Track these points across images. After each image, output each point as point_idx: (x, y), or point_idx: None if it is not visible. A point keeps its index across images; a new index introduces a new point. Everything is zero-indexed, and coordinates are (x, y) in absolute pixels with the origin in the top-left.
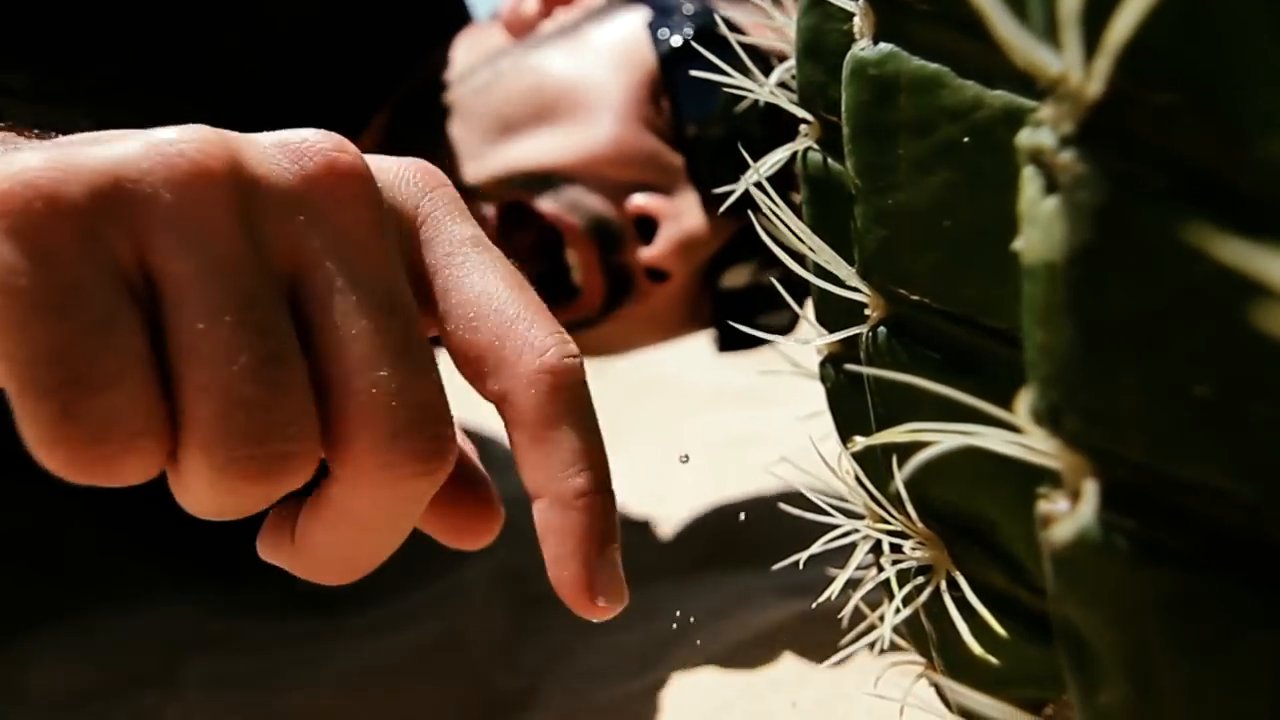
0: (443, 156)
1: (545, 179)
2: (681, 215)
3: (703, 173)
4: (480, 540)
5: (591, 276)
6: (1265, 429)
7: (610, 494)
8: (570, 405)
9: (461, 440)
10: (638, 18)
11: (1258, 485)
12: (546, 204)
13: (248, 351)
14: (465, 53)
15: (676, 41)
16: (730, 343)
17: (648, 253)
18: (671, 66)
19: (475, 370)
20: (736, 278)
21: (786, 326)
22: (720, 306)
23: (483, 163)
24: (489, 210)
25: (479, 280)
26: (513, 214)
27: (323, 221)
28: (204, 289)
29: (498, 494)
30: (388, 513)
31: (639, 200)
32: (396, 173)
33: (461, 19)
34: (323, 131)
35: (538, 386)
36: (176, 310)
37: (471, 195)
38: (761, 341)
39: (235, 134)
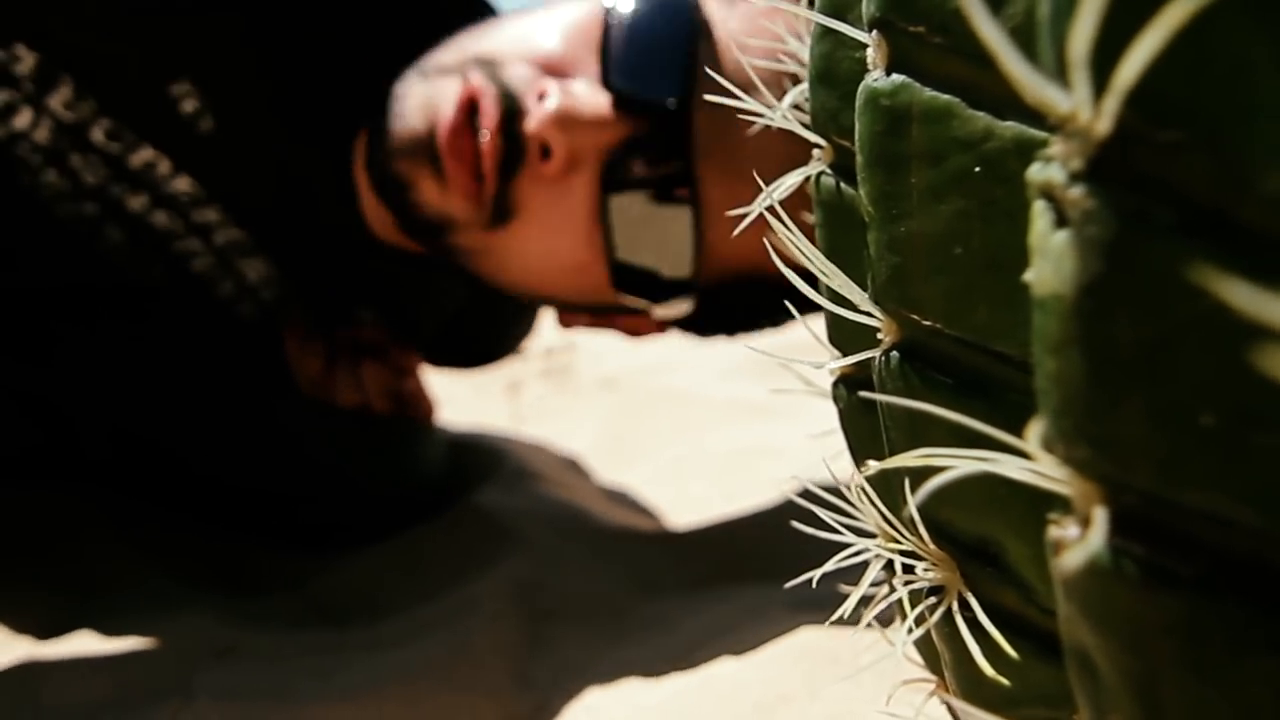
0: (437, 49)
1: (487, 61)
2: (571, 92)
3: (611, 75)
4: None
5: (489, 142)
6: (1270, 457)
7: None
8: None
9: None
10: None
11: (1263, 512)
12: (476, 76)
13: None
14: None
15: None
16: (624, 287)
17: (529, 121)
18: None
19: None
20: (628, 230)
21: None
22: (615, 264)
23: (457, 50)
24: (453, 87)
25: None
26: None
27: None
28: None
29: None
30: None
31: (542, 82)
32: None
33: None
34: None
35: None
36: None
37: (443, 69)
38: (659, 297)
39: None
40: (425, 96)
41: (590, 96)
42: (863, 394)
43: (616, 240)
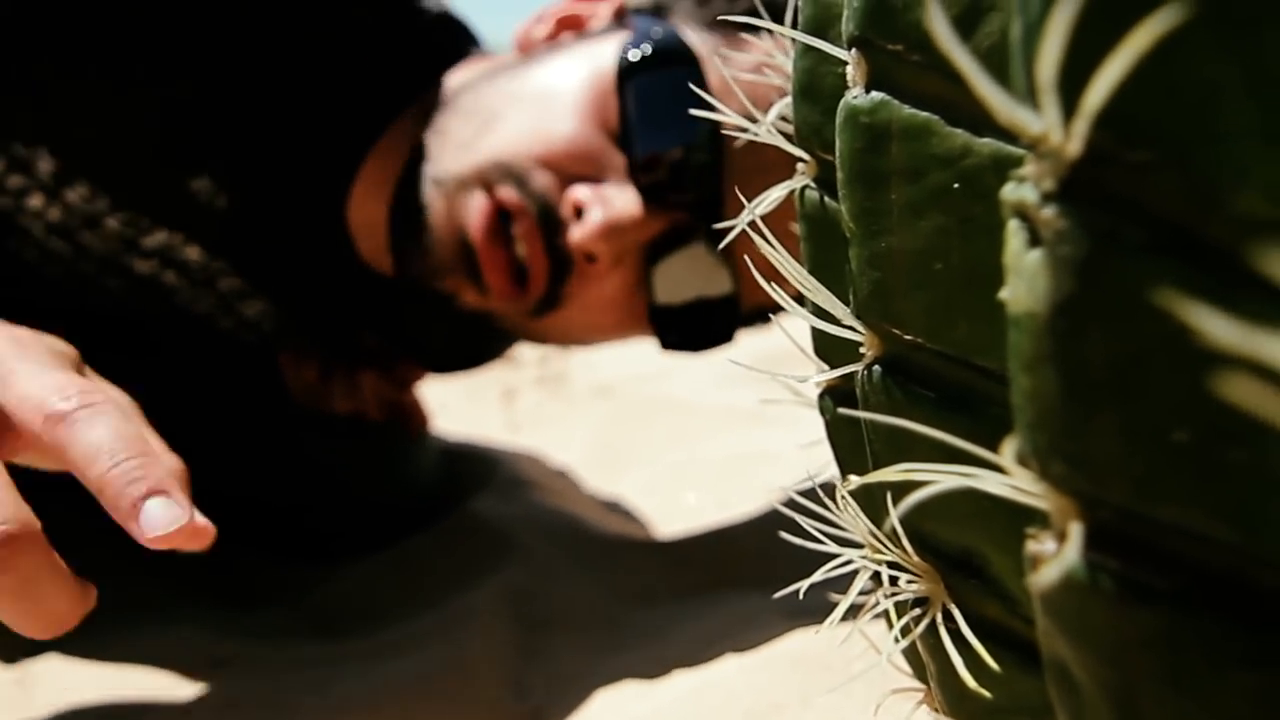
0: (444, 149)
1: (511, 170)
2: (608, 203)
3: (638, 174)
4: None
5: (536, 258)
6: (1243, 473)
7: (129, 462)
8: (76, 427)
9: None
10: (618, 38)
11: (1237, 527)
12: (507, 193)
13: None
14: (476, 67)
15: (634, 56)
16: (672, 343)
17: (573, 234)
18: (626, 79)
19: (37, 453)
20: (670, 281)
21: (726, 336)
22: (659, 317)
23: (469, 152)
24: (480, 201)
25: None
26: (502, 216)
27: None
28: None
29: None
30: None
31: (575, 193)
32: None
33: (474, 43)
34: None
35: (50, 434)
36: None
37: (463, 183)
38: (703, 345)
39: None
40: (450, 215)
41: (625, 200)
42: (843, 411)
43: (660, 303)
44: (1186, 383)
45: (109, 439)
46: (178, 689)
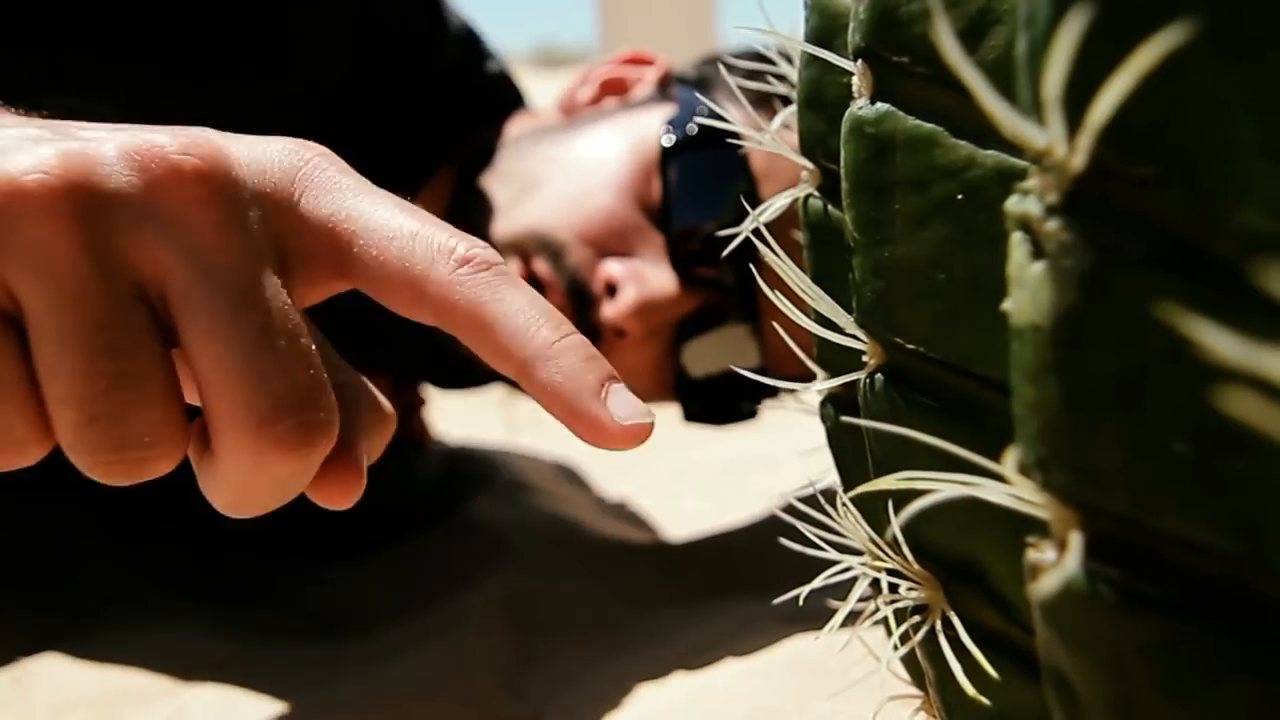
0: (483, 210)
1: (548, 243)
2: (643, 281)
3: (676, 253)
4: (338, 502)
5: None
6: (1242, 485)
7: (578, 335)
8: (498, 283)
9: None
10: (662, 111)
11: (1236, 538)
12: (541, 266)
13: (98, 374)
14: (520, 126)
15: (679, 136)
16: (695, 415)
17: (606, 311)
18: (669, 158)
19: (404, 301)
20: (699, 355)
21: (750, 412)
22: (684, 389)
23: (507, 219)
24: (513, 269)
25: (371, 218)
26: (531, 283)
27: (171, 228)
28: (55, 318)
29: (364, 459)
30: (270, 483)
31: (608, 269)
32: (265, 155)
33: (520, 102)
34: (170, 132)
35: (461, 282)
36: (36, 337)
37: (500, 249)
38: (727, 420)
39: (79, 151)
40: None
41: (659, 279)
42: (845, 418)
43: (687, 376)
44: (1187, 395)
45: (542, 306)
46: (176, 689)
